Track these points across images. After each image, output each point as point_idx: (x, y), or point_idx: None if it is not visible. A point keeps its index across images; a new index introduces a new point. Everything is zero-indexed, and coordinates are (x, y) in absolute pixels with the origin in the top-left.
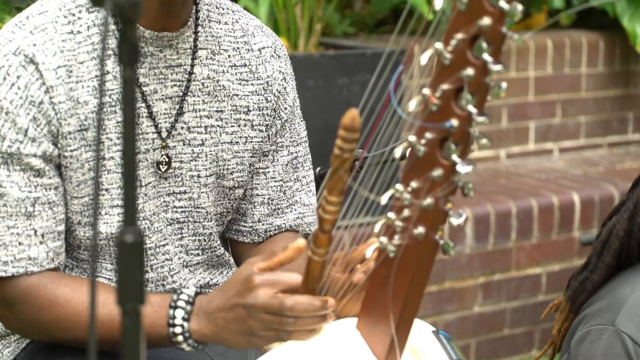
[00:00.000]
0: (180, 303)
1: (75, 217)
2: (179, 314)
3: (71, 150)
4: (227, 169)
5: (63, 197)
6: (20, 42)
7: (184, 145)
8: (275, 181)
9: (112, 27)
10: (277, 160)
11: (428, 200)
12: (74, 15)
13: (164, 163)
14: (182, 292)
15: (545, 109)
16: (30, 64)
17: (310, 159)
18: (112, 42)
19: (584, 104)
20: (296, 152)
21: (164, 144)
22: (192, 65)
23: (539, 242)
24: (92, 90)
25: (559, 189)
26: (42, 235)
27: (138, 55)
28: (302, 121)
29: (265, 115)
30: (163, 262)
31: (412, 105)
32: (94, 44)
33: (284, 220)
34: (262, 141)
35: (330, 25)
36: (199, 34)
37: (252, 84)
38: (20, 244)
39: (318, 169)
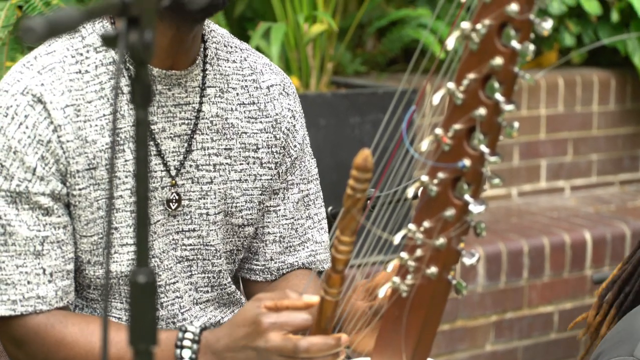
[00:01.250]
0: (186, 342)
1: (84, 256)
2: (186, 354)
3: (80, 189)
4: (236, 206)
5: (72, 236)
6: (28, 81)
7: (192, 183)
8: (287, 219)
9: (120, 66)
10: (288, 198)
11: (441, 240)
12: (81, 55)
13: (174, 201)
14: (187, 330)
15: (557, 147)
16: (38, 103)
17: (322, 196)
18: (121, 81)
19: (596, 142)
20: (307, 190)
21: (173, 182)
22: (201, 103)
23: (550, 280)
24: (100, 129)
25: (571, 227)
26: (51, 274)
27: (151, 96)
28: (312, 158)
29: (275, 153)
30: (173, 299)
31: (425, 145)
32: (102, 84)
33: (297, 258)
34: (271, 179)
35: (341, 64)
36: (207, 72)
37: (260, 122)
38: (29, 282)
39: (330, 208)
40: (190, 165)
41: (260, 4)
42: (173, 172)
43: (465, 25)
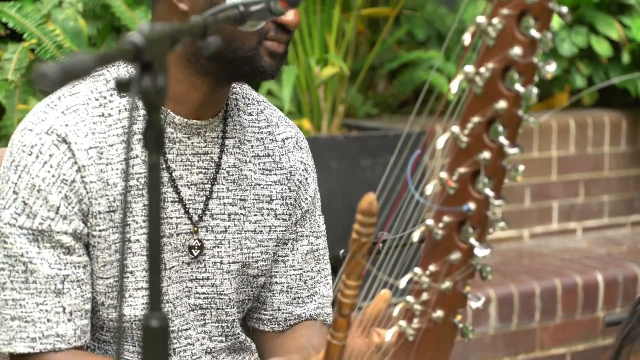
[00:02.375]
0: None
1: (99, 297)
2: None
3: (99, 230)
4: (252, 257)
5: (90, 276)
6: (52, 121)
7: (207, 231)
8: (295, 270)
9: (143, 111)
10: (297, 249)
11: (446, 284)
12: (105, 98)
13: (196, 247)
14: None
15: (568, 189)
16: (63, 143)
17: (328, 253)
18: (141, 126)
19: (607, 183)
20: (317, 245)
21: (195, 228)
22: (221, 152)
23: (562, 322)
24: (120, 173)
25: (583, 269)
26: (70, 313)
27: (163, 141)
28: (321, 215)
29: (289, 205)
30: (185, 346)
31: (430, 188)
32: (124, 128)
33: (305, 309)
34: (285, 230)
35: (353, 106)
36: (227, 124)
37: (275, 174)
38: (48, 320)
39: (341, 251)
40: (206, 214)
41: None
42: (195, 219)
43: (469, 69)
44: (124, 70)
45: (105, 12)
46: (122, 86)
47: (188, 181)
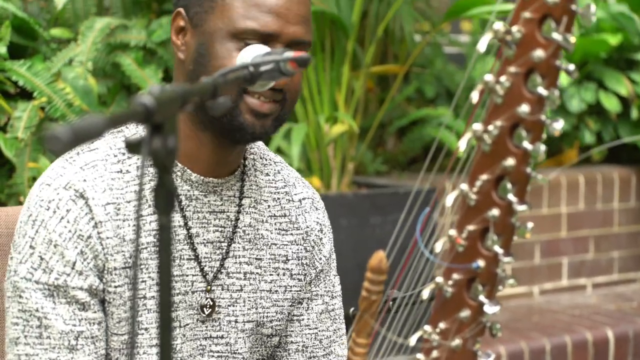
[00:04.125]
0: None
1: (113, 354)
2: None
3: (115, 287)
4: (267, 316)
5: (105, 332)
6: (70, 177)
7: (222, 290)
8: (310, 329)
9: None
10: (312, 308)
11: (456, 342)
12: (123, 154)
13: (207, 307)
14: None
15: (578, 245)
16: (80, 198)
17: (343, 313)
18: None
19: (617, 239)
20: (333, 305)
21: (208, 287)
22: (238, 212)
23: None
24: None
25: (593, 325)
26: None
27: (174, 202)
28: (336, 276)
29: (304, 265)
30: None
31: (439, 246)
32: (142, 185)
33: None
34: (300, 290)
35: (362, 163)
36: (245, 183)
37: (291, 234)
38: None
39: (352, 309)
40: (222, 273)
41: None
42: (210, 278)
43: (477, 126)
44: (142, 127)
45: (116, 70)
46: (132, 147)
47: (204, 239)
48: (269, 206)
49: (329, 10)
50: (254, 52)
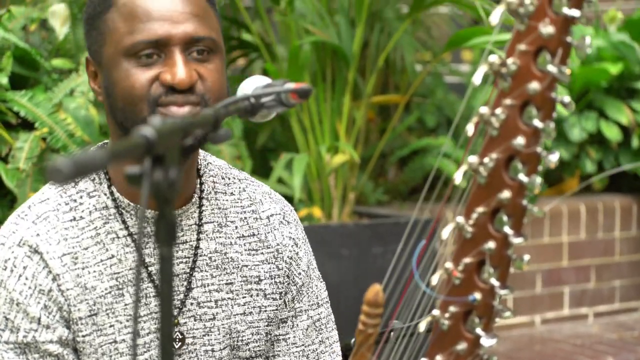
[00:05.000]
0: None
1: None
2: None
3: (83, 336)
4: (242, 340)
5: None
6: (23, 233)
7: (195, 320)
8: (297, 347)
9: (113, 210)
10: (297, 325)
11: None
12: (75, 201)
13: (177, 340)
14: None
15: (580, 274)
16: (35, 253)
17: (333, 319)
18: (115, 225)
19: (619, 268)
20: (318, 315)
21: (175, 321)
22: (198, 240)
23: None
24: (98, 275)
25: (595, 354)
26: None
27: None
28: (321, 282)
29: (278, 283)
30: None
31: (435, 279)
32: (97, 229)
33: None
34: (277, 309)
35: (364, 193)
36: (203, 208)
37: (262, 253)
38: None
39: (352, 340)
40: (192, 304)
41: (283, 135)
42: (175, 312)
43: (473, 159)
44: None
45: None
46: (133, 179)
47: None
48: (236, 227)
49: (329, 40)
50: (254, 84)
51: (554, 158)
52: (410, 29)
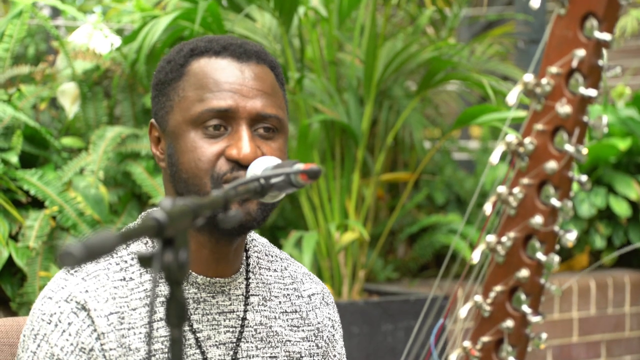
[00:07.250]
0: None
1: None
2: None
3: None
4: None
5: None
6: (72, 289)
7: None
8: None
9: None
10: None
11: None
12: (126, 262)
13: None
14: None
15: (590, 350)
16: (82, 310)
17: None
18: (165, 290)
19: (629, 344)
20: None
21: None
22: (245, 311)
23: None
24: (144, 338)
25: None
26: None
27: (186, 316)
28: None
29: None
30: None
31: (454, 357)
32: (147, 291)
33: None
34: None
35: (373, 271)
36: (250, 281)
37: (303, 330)
38: None
39: None
40: None
41: (292, 213)
42: None
43: (491, 238)
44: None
45: (126, 179)
46: (144, 261)
47: (216, 341)
48: (279, 302)
49: (338, 119)
50: (264, 164)
51: (571, 237)
52: (418, 107)
